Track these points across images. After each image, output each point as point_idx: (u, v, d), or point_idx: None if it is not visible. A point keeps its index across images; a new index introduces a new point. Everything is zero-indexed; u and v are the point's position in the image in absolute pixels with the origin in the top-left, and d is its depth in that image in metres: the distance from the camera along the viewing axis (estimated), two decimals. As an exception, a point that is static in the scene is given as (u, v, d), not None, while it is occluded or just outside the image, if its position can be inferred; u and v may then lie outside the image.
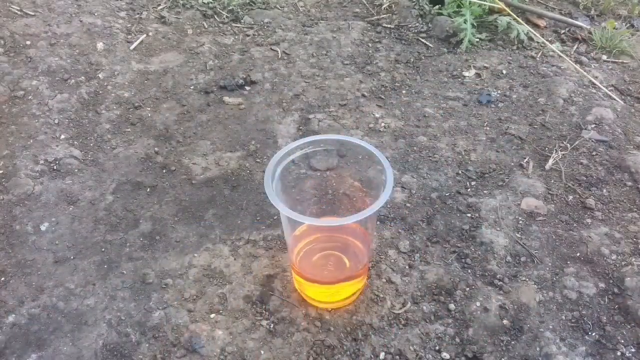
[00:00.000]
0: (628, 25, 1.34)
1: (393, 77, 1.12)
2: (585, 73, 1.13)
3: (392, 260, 0.75)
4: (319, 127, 0.97)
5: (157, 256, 0.75)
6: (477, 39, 1.23)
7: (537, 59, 1.19)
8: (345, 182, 0.69)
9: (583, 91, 1.09)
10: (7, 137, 0.92)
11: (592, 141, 0.96)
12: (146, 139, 0.95)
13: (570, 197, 0.85)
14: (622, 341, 0.66)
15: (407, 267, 0.74)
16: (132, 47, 1.16)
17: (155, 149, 0.93)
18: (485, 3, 1.26)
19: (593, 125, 0.99)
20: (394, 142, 0.95)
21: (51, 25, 1.18)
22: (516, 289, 0.71)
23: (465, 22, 1.21)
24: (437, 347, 0.65)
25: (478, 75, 1.14)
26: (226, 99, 1.04)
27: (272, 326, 0.67)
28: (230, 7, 1.31)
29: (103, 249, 0.76)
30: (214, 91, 1.06)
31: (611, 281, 0.73)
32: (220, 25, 1.27)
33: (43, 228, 0.78)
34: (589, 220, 0.81)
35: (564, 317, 0.68)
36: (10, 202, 0.82)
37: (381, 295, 0.70)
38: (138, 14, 1.28)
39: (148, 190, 0.85)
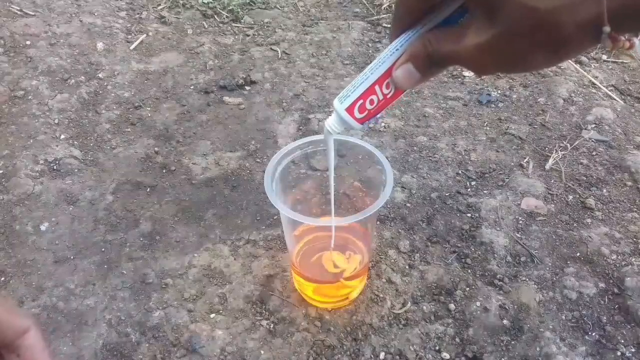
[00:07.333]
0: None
1: (393, 77, 1.12)
2: (585, 73, 1.13)
3: (392, 260, 0.75)
4: (319, 127, 0.97)
5: (157, 256, 0.75)
6: (477, 39, 1.23)
7: (537, 59, 1.19)
8: (345, 182, 0.69)
9: (583, 91, 1.09)
10: (7, 137, 0.92)
11: (592, 141, 0.96)
12: (146, 139, 0.94)
13: (570, 197, 0.85)
14: (622, 341, 0.66)
15: (407, 267, 0.74)
16: (132, 47, 1.16)
17: (155, 149, 0.92)
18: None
19: (593, 125, 0.99)
20: (394, 142, 0.95)
21: (51, 25, 1.18)
22: (516, 289, 0.71)
23: (465, 22, 1.21)
24: (437, 347, 0.65)
25: (478, 75, 1.14)
26: (226, 98, 1.04)
27: (272, 326, 0.67)
28: (230, 7, 1.31)
29: (103, 249, 0.76)
30: (214, 91, 1.06)
31: (611, 281, 0.73)
32: (220, 25, 1.27)
33: (43, 228, 0.78)
34: (589, 220, 0.81)
35: (564, 317, 0.68)
36: (10, 202, 0.82)
37: (381, 295, 0.70)
38: (138, 14, 1.28)
39: (148, 190, 0.85)
